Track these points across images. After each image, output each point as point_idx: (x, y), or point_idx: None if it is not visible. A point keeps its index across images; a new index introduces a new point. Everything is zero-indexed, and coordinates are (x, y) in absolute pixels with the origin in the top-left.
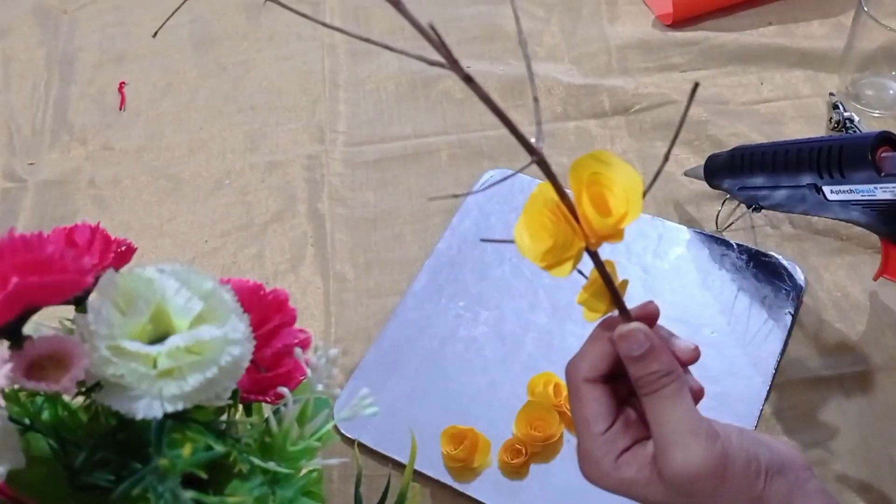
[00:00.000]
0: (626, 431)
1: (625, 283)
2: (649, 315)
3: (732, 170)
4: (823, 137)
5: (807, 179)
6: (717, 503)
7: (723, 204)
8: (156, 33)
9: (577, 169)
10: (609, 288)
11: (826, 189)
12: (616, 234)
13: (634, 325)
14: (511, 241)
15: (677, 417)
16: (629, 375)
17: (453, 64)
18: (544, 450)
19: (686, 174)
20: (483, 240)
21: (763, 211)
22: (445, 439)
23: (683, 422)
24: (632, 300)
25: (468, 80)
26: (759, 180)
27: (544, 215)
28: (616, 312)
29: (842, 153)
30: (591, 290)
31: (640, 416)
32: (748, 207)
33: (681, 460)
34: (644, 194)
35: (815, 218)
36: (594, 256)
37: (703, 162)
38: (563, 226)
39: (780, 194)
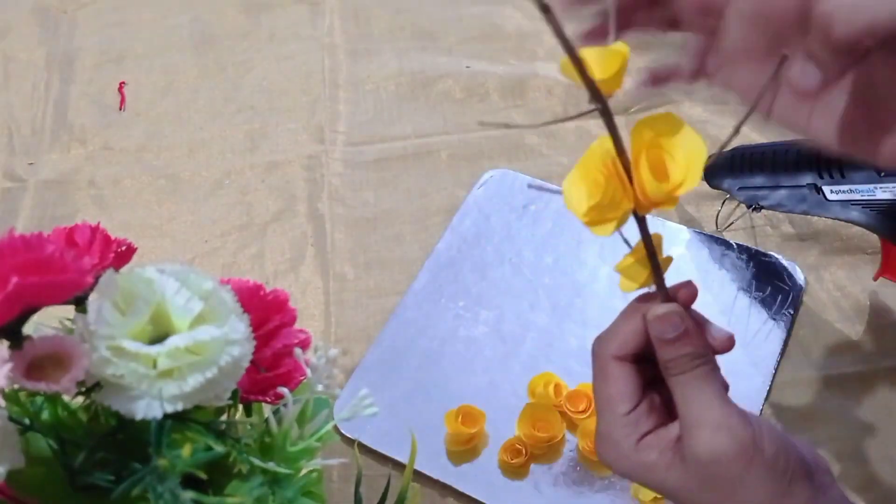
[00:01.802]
0: (649, 414)
1: (668, 259)
2: (687, 296)
3: (732, 170)
4: None
5: (807, 179)
6: (739, 493)
7: (723, 204)
8: None
9: (641, 129)
10: (651, 261)
11: (826, 189)
12: (669, 201)
13: (670, 306)
14: (557, 191)
15: (708, 398)
16: (658, 357)
17: None
18: (548, 451)
19: None
20: (531, 185)
21: (763, 211)
22: (452, 418)
23: (714, 402)
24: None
25: (546, 10)
26: (758, 180)
27: (598, 170)
28: (652, 288)
29: None
30: (633, 259)
31: (664, 402)
32: (748, 207)
33: (708, 439)
34: (707, 160)
35: (815, 218)
36: (642, 224)
37: None
38: (614, 183)
39: (780, 194)
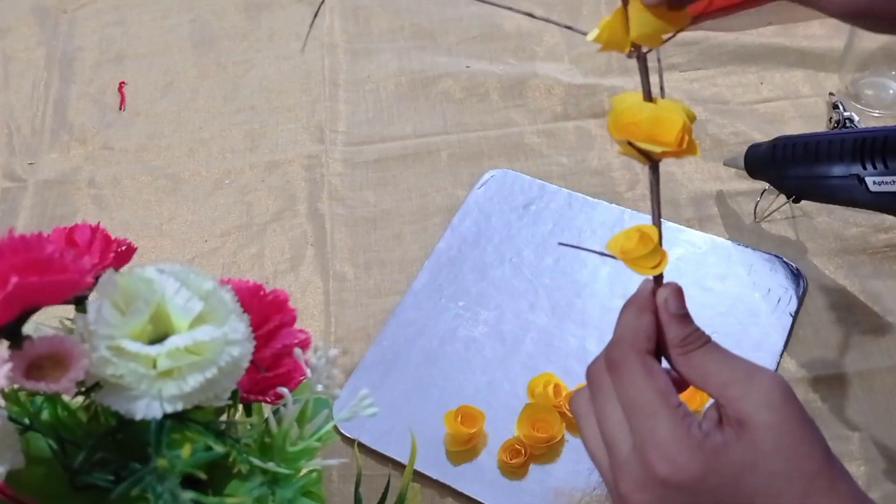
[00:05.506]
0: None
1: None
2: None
3: (774, 161)
4: (867, 128)
5: (849, 170)
6: (810, 435)
7: (761, 195)
8: None
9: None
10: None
11: (869, 180)
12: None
13: (675, 284)
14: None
15: (735, 355)
16: (673, 339)
17: None
18: (547, 451)
19: (726, 164)
20: (561, 244)
21: (801, 202)
22: (451, 418)
23: (741, 356)
24: None
25: None
26: (800, 171)
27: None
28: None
29: (885, 143)
30: (644, 246)
31: None
32: (788, 198)
33: (771, 379)
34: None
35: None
36: (655, 173)
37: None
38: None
39: (822, 185)
